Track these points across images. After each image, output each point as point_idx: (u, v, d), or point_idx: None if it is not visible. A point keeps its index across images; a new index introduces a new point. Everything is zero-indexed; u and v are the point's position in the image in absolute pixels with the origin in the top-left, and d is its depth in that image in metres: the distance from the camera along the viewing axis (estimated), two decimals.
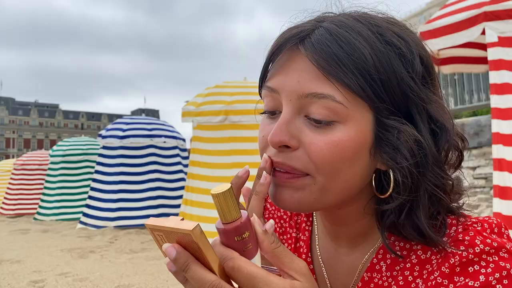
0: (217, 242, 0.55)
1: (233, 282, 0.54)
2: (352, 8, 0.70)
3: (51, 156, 10.98)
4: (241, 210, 0.54)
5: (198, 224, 0.50)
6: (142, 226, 8.64)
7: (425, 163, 0.62)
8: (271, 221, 0.58)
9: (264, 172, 0.64)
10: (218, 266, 0.53)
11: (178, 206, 8.08)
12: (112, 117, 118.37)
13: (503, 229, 0.64)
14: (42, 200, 10.88)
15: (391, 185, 0.63)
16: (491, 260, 0.58)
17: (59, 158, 10.75)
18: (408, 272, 0.66)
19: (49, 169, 10.98)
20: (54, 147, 11.24)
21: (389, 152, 0.62)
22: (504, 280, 0.57)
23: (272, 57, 0.68)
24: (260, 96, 0.73)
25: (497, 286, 0.56)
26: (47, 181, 10.93)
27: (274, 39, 0.69)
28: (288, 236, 0.86)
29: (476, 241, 0.60)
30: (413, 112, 0.64)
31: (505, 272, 0.57)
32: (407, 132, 0.61)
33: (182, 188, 8.48)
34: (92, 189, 9.08)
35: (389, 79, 0.61)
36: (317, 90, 0.61)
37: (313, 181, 0.63)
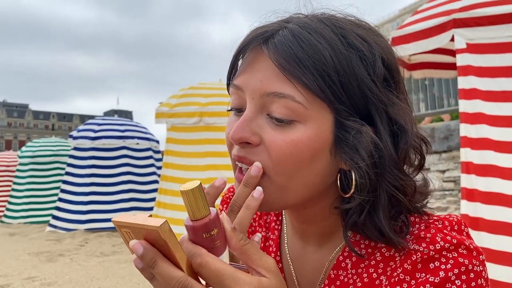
0: (185, 239, 0.54)
1: (200, 279, 0.54)
2: (321, 10, 0.71)
3: (20, 157, 10.69)
4: (210, 208, 0.54)
5: (166, 220, 0.49)
6: (113, 229, 8.50)
7: (383, 164, 0.63)
8: (259, 234, 0.61)
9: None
10: (186, 263, 0.52)
11: (151, 208, 7.98)
12: (84, 118, 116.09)
13: (463, 226, 0.66)
14: (10, 203, 10.58)
15: (353, 185, 0.64)
16: (450, 256, 0.60)
17: (28, 159, 10.48)
18: (373, 269, 0.67)
19: (18, 170, 10.68)
20: (23, 148, 10.95)
21: (348, 152, 0.63)
22: (462, 276, 0.59)
23: (238, 55, 0.70)
24: (228, 93, 0.73)
25: (456, 281, 0.58)
26: (15, 183, 10.63)
27: (242, 38, 0.70)
28: None
29: (437, 238, 0.62)
30: (373, 114, 0.65)
31: (464, 267, 0.59)
32: (365, 133, 0.63)
33: (155, 190, 8.38)
34: (62, 191, 8.87)
35: (349, 81, 0.62)
36: (278, 89, 0.62)
37: (270, 181, 0.64)
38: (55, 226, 8.69)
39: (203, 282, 0.53)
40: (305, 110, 0.62)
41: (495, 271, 2.81)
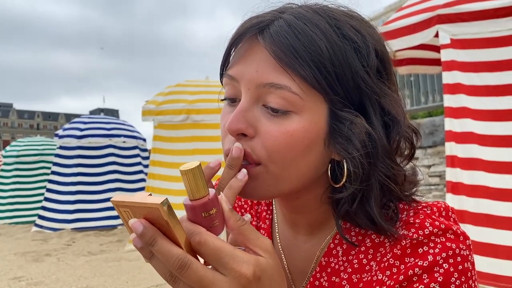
0: (184, 218, 0.55)
1: (199, 257, 0.54)
2: (314, 0, 0.71)
3: (4, 157, 10.52)
4: (208, 188, 0.55)
5: (167, 198, 0.50)
6: (101, 227, 8.43)
7: (376, 154, 0.64)
8: (248, 215, 0.62)
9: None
10: (185, 241, 0.53)
11: None
12: (69, 117, 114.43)
13: (450, 212, 0.67)
14: None
15: (344, 174, 0.65)
16: (438, 241, 0.62)
17: (13, 159, 10.32)
18: (363, 255, 0.69)
19: (2, 170, 10.50)
20: (7, 148, 10.77)
21: (342, 142, 0.64)
22: (450, 259, 0.60)
23: (232, 45, 0.69)
24: (221, 84, 0.73)
25: (444, 264, 0.60)
26: None
27: (235, 28, 0.70)
28: None
29: (426, 223, 0.63)
30: (366, 105, 0.66)
31: (451, 251, 0.61)
32: (359, 124, 0.64)
33: (142, 188, 8.33)
34: (48, 190, 8.76)
35: (343, 73, 0.63)
36: (274, 80, 0.63)
37: (265, 169, 0.65)
38: (41, 226, 8.58)
39: (202, 261, 0.54)
40: (301, 101, 0.62)
41: (480, 263, 2.86)
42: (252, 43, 0.66)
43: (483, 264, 2.86)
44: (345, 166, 0.65)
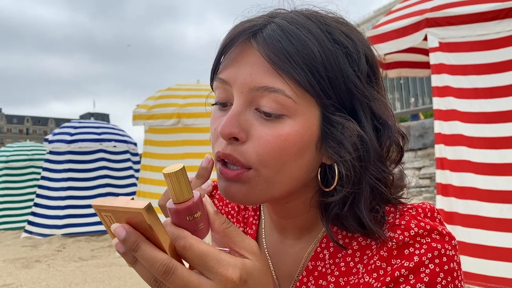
0: (168, 222, 0.54)
1: (184, 262, 0.53)
2: (303, 6, 0.72)
3: None
4: (193, 191, 0.54)
5: (150, 202, 0.48)
6: (91, 233, 8.37)
7: (367, 157, 0.64)
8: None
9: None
10: (169, 245, 0.52)
11: None
12: (59, 122, 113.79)
13: (435, 213, 0.68)
14: None
15: (336, 178, 0.65)
16: (424, 241, 0.62)
17: (2, 164, 10.21)
18: (350, 258, 0.69)
19: None
20: None
21: (334, 146, 0.65)
22: (435, 260, 0.61)
23: (224, 49, 0.69)
24: (212, 88, 0.73)
25: (430, 265, 0.61)
26: None
27: (227, 32, 0.70)
28: None
29: (411, 224, 0.64)
30: (358, 109, 0.66)
31: (437, 252, 0.61)
32: (351, 128, 0.64)
33: (133, 193, 8.27)
34: (38, 196, 8.68)
35: (336, 77, 0.63)
36: (268, 84, 0.63)
37: (257, 173, 0.64)
38: (31, 232, 8.49)
39: (187, 265, 0.53)
40: (294, 104, 0.63)
41: (469, 264, 2.88)
42: (245, 47, 0.66)
43: (472, 265, 2.88)
44: (336, 170, 0.65)
